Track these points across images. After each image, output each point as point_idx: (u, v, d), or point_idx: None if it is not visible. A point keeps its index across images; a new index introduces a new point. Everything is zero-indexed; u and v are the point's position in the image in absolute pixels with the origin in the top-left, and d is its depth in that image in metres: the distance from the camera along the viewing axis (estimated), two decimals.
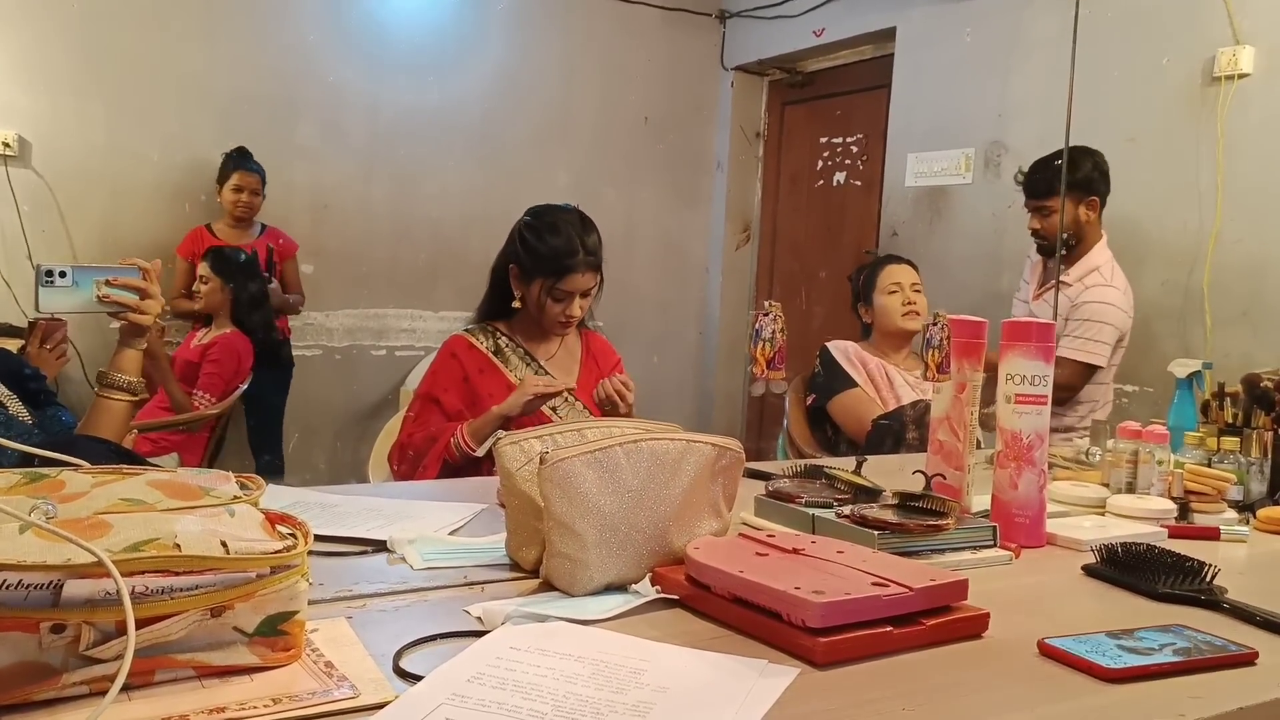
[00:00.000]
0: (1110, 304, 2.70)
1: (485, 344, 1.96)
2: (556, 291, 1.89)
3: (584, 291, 1.92)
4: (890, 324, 2.53)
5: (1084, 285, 2.74)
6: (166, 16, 3.81)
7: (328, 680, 0.72)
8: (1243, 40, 2.89)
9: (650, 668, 0.77)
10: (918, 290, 2.57)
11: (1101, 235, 2.79)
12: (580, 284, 1.90)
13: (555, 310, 1.91)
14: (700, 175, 5.03)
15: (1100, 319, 2.69)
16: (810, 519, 1.18)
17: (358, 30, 4.16)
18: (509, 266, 1.95)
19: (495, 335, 1.98)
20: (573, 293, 1.90)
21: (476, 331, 1.98)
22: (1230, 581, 1.03)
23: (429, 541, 1.10)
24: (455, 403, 1.90)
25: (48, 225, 3.69)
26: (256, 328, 3.48)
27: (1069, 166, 2.66)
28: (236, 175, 3.70)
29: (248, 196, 3.71)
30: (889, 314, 2.53)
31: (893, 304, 2.54)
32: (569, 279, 1.88)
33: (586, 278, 1.90)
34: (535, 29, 4.54)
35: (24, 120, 3.62)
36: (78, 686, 0.66)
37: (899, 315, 2.52)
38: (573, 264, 1.87)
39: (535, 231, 1.91)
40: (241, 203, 3.71)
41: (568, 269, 1.88)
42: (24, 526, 0.66)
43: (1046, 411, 1.23)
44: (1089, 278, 2.75)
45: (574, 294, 1.90)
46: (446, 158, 4.37)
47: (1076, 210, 2.74)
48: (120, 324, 1.41)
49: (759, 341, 1.26)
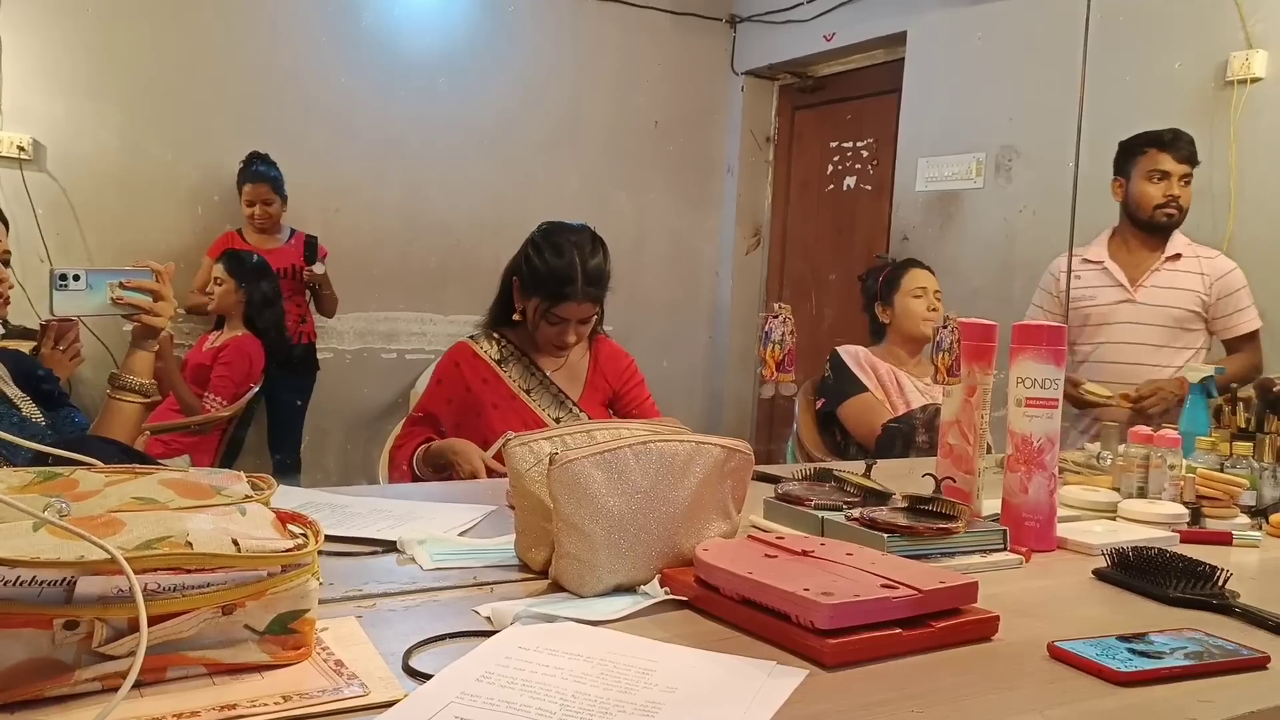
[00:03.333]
0: (1236, 267, 2.58)
1: (490, 352, 1.94)
2: (551, 315, 1.86)
3: (580, 319, 1.88)
4: (912, 327, 2.53)
5: (1203, 256, 2.60)
6: (180, 20, 3.84)
7: (338, 678, 0.72)
8: (1255, 44, 2.88)
9: (659, 668, 0.77)
10: (939, 298, 2.58)
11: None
12: (574, 312, 1.86)
13: (549, 333, 1.88)
14: (710, 179, 5.03)
15: (1244, 283, 2.57)
16: (819, 522, 1.18)
17: (370, 34, 4.18)
18: (514, 278, 1.93)
19: (501, 343, 1.96)
20: (567, 320, 1.86)
21: (482, 339, 1.97)
22: (1242, 586, 1.03)
23: (438, 542, 1.10)
24: (453, 415, 1.90)
25: (62, 228, 3.71)
26: (268, 329, 3.49)
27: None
28: (246, 188, 3.69)
29: (260, 209, 3.69)
30: (912, 317, 2.53)
31: (917, 308, 2.54)
32: (563, 306, 1.84)
33: (583, 307, 1.86)
34: (546, 33, 4.55)
35: (39, 124, 3.65)
36: (90, 683, 0.66)
37: (920, 320, 2.52)
38: (569, 292, 1.83)
39: (539, 250, 1.88)
40: (257, 215, 3.70)
41: (563, 296, 1.84)
42: (38, 524, 0.67)
43: (1057, 415, 1.22)
44: (1197, 249, 2.62)
45: (569, 321, 1.86)
46: (458, 161, 4.39)
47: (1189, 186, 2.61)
48: (133, 326, 1.42)
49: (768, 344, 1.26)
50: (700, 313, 5.09)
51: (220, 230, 3.84)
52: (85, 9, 3.68)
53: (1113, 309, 2.66)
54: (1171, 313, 2.59)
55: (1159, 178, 2.58)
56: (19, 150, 3.59)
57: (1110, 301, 2.67)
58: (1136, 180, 2.61)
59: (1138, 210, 2.61)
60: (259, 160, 3.73)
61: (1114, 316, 2.66)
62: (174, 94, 3.85)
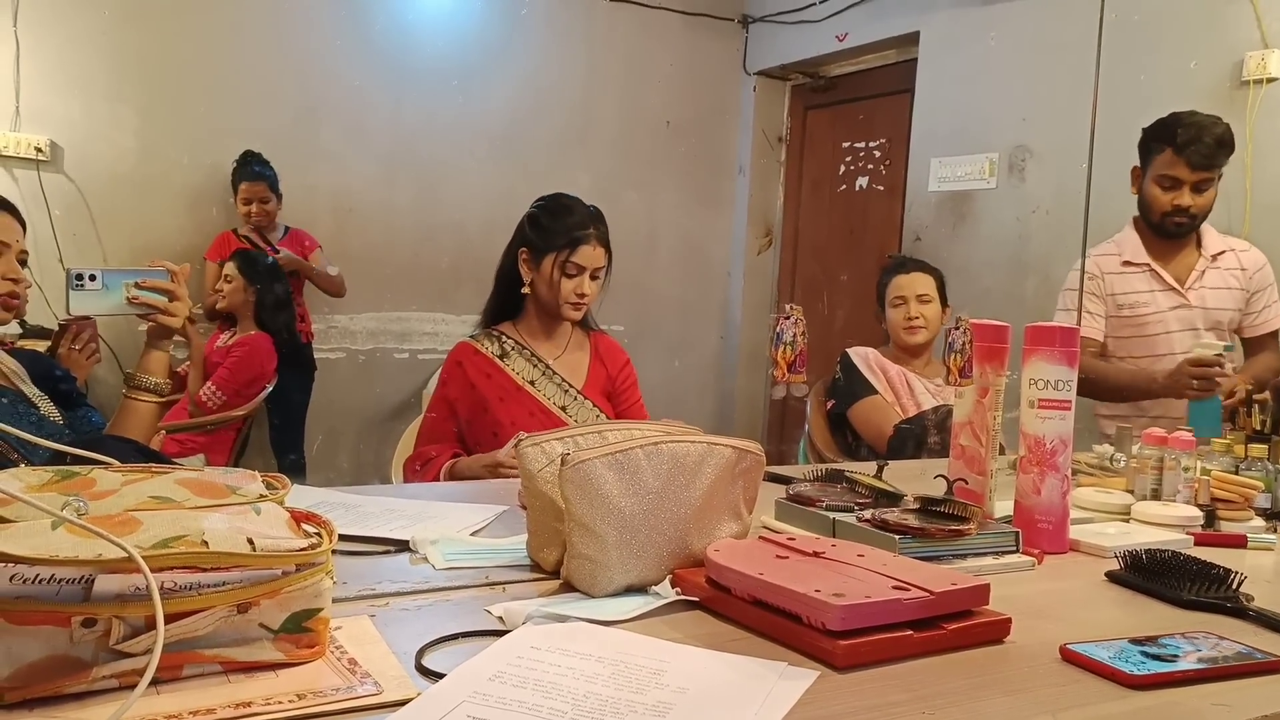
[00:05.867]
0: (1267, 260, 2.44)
1: (491, 348, 1.97)
2: (570, 266, 1.92)
3: (595, 270, 1.94)
4: (895, 337, 2.52)
5: (1235, 250, 2.45)
6: (196, 23, 3.87)
7: (351, 677, 0.72)
8: (1271, 44, 2.86)
9: (670, 669, 0.78)
10: (925, 300, 2.48)
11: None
12: (592, 258, 1.92)
13: (569, 287, 1.93)
14: (722, 179, 5.03)
15: (1274, 279, 2.43)
16: (831, 523, 1.18)
17: (382, 35, 4.19)
18: (519, 253, 1.97)
19: (500, 339, 1.99)
20: (585, 267, 1.92)
21: (481, 337, 2.00)
22: (1257, 589, 1.02)
23: (451, 542, 1.11)
24: (463, 413, 1.92)
25: (79, 229, 3.74)
26: (280, 329, 3.51)
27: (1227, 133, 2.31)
28: (243, 186, 3.72)
29: (257, 207, 3.72)
30: (893, 328, 2.51)
31: (895, 318, 2.50)
32: (581, 250, 1.91)
33: (598, 252, 1.93)
34: (558, 33, 4.56)
35: (57, 126, 3.68)
36: (107, 680, 0.67)
37: (900, 330, 2.48)
38: (585, 235, 1.92)
39: (548, 211, 1.96)
40: (253, 214, 3.72)
41: (580, 240, 1.91)
42: (56, 523, 0.68)
43: (1070, 416, 1.22)
44: (1230, 242, 2.47)
45: (586, 269, 1.93)
46: (469, 161, 4.40)
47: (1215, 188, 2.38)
48: (148, 326, 1.43)
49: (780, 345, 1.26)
50: (712, 313, 5.08)
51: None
52: (102, 12, 3.71)
53: (1159, 318, 2.44)
54: (1214, 314, 2.42)
55: (1170, 184, 2.36)
56: (36, 152, 3.63)
57: (1160, 309, 2.44)
58: (1148, 179, 2.42)
59: (1147, 211, 2.44)
60: (254, 159, 3.76)
61: (1172, 324, 2.43)
62: (189, 96, 3.87)
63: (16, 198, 3.35)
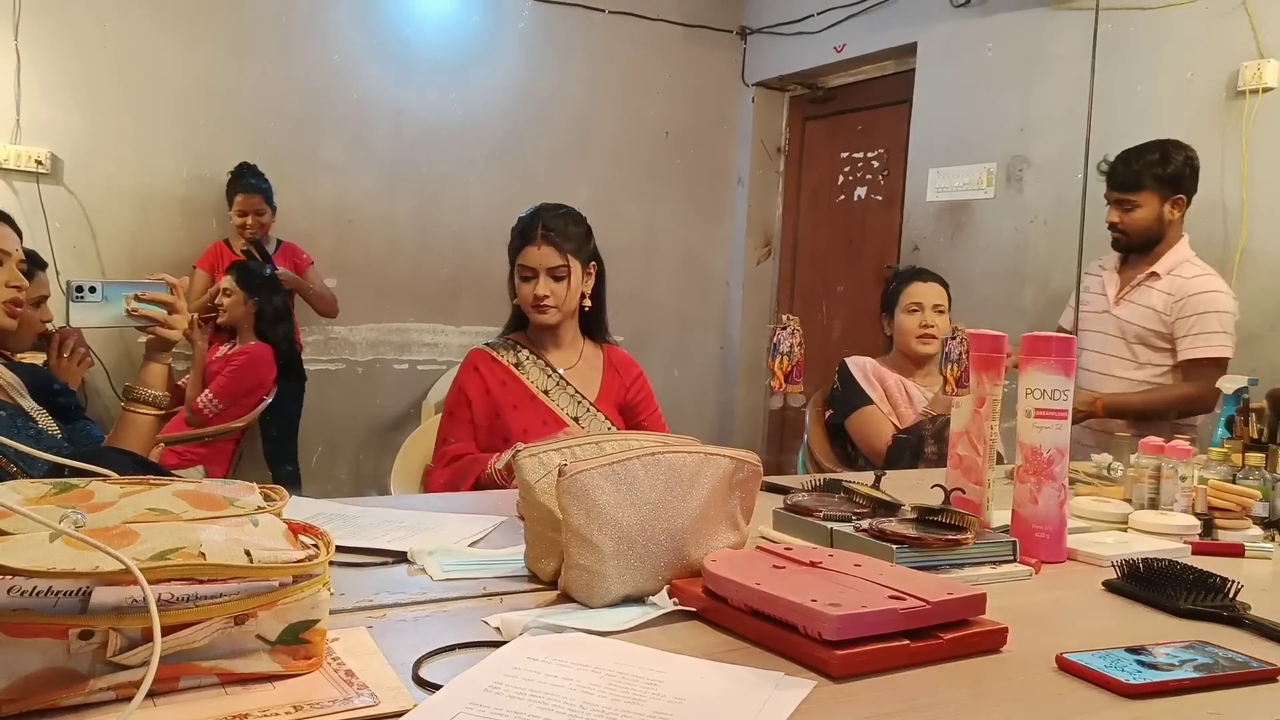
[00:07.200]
0: (1219, 290, 2.52)
1: (506, 357, 1.98)
2: (523, 270, 1.93)
3: (551, 270, 1.91)
4: (905, 344, 2.51)
5: (1180, 277, 2.55)
6: (196, 35, 3.88)
7: (348, 688, 0.73)
8: (1267, 54, 2.87)
9: (667, 679, 0.78)
10: (940, 311, 2.51)
11: (1183, 235, 2.62)
12: (539, 257, 1.90)
13: (525, 291, 1.93)
14: (721, 190, 5.05)
15: (1215, 308, 2.49)
16: (828, 533, 1.18)
17: (382, 47, 4.21)
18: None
19: (516, 349, 2.00)
20: (535, 269, 1.91)
21: (498, 346, 2.01)
22: (1254, 598, 1.02)
23: (449, 553, 1.11)
24: (480, 415, 1.92)
25: (78, 241, 3.75)
26: (280, 341, 3.52)
27: (1160, 161, 2.55)
28: (238, 199, 3.71)
29: (252, 220, 3.71)
30: (905, 334, 2.51)
31: (909, 324, 2.50)
32: (527, 252, 1.91)
33: (545, 251, 1.90)
34: (557, 44, 4.58)
35: (57, 138, 3.70)
36: (104, 692, 0.67)
37: (913, 337, 2.48)
38: (530, 236, 1.91)
39: (517, 222, 1.98)
40: (248, 226, 3.71)
41: (527, 240, 1.92)
42: (54, 535, 0.68)
43: (1067, 426, 1.22)
44: (1182, 269, 2.57)
45: (537, 270, 1.91)
46: (469, 172, 4.41)
47: (1161, 207, 2.57)
48: (147, 338, 1.43)
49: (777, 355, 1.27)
50: (711, 323, 5.09)
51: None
52: (103, 25, 3.73)
53: (1096, 318, 2.72)
54: (1136, 329, 2.60)
55: (1109, 202, 2.65)
56: (37, 164, 3.64)
57: (1095, 310, 2.74)
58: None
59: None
60: (250, 172, 3.76)
61: (1095, 325, 2.72)
62: (190, 109, 3.89)
63: (16, 210, 3.37)
